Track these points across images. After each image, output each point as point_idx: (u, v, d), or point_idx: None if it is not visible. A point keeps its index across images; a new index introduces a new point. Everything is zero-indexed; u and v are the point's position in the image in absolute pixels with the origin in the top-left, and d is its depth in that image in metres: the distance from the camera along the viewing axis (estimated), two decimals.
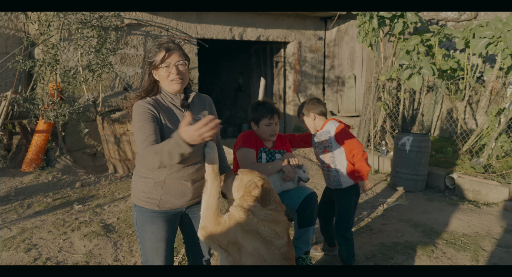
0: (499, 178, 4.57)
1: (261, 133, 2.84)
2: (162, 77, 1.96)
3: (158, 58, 1.92)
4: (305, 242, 2.82)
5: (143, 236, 2.06)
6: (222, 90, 11.50)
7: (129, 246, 3.39)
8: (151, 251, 2.06)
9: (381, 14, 5.40)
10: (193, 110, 2.06)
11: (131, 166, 5.46)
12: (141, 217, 2.05)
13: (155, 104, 1.95)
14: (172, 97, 2.02)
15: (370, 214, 4.23)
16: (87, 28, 5.30)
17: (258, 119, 2.81)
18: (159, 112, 1.93)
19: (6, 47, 5.91)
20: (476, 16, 6.44)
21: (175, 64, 1.94)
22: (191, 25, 6.62)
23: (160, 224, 2.03)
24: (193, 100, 2.09)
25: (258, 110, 2.81)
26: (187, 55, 2.01)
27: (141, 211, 2.05)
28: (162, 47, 1.93)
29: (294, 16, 7.65)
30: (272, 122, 2.80)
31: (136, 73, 6.21)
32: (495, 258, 3.14)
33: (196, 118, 2.04)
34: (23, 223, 3.81)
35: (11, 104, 5.52)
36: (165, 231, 2.06)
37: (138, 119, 1.89)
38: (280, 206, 1.98)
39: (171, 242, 2.12)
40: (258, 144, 2.85)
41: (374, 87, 6.01)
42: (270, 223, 1.87)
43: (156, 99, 1.99)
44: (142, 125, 1.87)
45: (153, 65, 1.95)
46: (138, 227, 2.08)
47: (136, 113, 1.91)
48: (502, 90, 5.68)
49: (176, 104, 2.02)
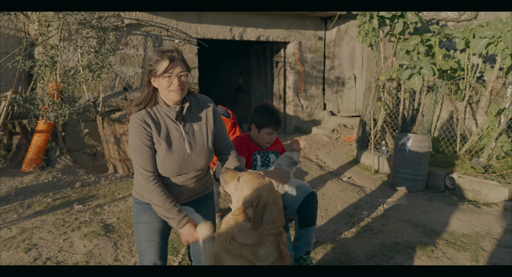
0: (499, 178, 4.57)
1: (259, 139, 2.84)
2: (162, 87, 1.93)
3: (160, 67, 1.89)
4: (306, 242, 2.82)
5: (138, 226, 2.12)
6: (222, 90, 11.50)
7: (129, 246, 3.39)
8: (144, 241, 2.11)
9: (381, 14, 5.40)
10: (189, 120, 2.05)
11: (131, 166, 5.46)
12: (136, 209, 2.12)
13: (149, 121, 1.95)
14: (167, 109, 2.00)
15: (370, 214, 4.23)
16: (86, 28, 5.30)
17: (261, 126, 2.79)
18: (152, 129, 1.95)
19: (6, 47, 5.91)
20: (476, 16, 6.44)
21: (178, 75, 1.91)
22: (191, 25, 6.62)
23: (153, 215, 2.07)
24: (191, 109, 2.07)
25: (264, 117, 2.77)
26: (188, 66, 1.99)
27: (137, 203, 2.12)
28: (166, 56, 1.89)
29: (294, 16, 7.66)
30: (275, 132, 2.80)
31: (136, 73, 6.21)
32: (495, 258, 3.14)
33: (191, 129, 2.04)
34: (23, 223, 3.81)
35: (11, 104, 5.52)
36: (158, 223, 2.09)
37: (135, 139, 1.94)
38: (272, 225, 1.87)
39: (164, 234, 2.16)
40: (252, 149, 2.85)
41: (374, 87, 6.01)
42: (252, 247, 1.83)
43: (152, 112, 1.98)
44: (138, 148, 1.93)
45: (153, 73, 1.92)
46: (134, 218, 2.14)
47: (132, 131, 1.96)
48: (502, 90, 5.68)
49: (171, 116, 2.00)
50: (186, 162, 2.00)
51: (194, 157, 2.02)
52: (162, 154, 1.95)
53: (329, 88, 8.40)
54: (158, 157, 1.96)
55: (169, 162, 1.96)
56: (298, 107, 8.20)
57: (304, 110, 8.26)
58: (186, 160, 2.00)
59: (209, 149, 2.09)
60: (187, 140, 2.00)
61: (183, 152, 1.98)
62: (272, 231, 1.86)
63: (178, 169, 1.99)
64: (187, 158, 2.00)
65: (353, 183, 5.32)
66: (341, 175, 5.65)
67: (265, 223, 1.84)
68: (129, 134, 1.98)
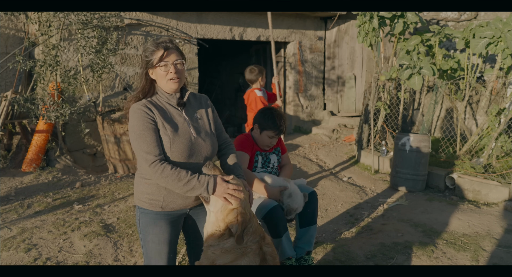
0: (499, 178, 4.57)
1: (259, 140, 2.84)
2: (160, 76, 1.95)
3: (155, 56, 1.92)
4: (307, 242, 2.82)
5: (146, 238, 2.04)
6: (222, 90, 11.49)
7: (129, 246, 3.39)
8: (154, 254, 2.04)
9: (381, 14, 5.40)
10: (189, 109, 2.06)
11: (131, 166, 5.46)
12: (144, 219, 2.03)
13: (151, 106, 1.94)
14: (168, 96, 2.01)
15: (370, 214, 4.23)
16: (88, 28, 5.30)
17: (264, 128, 2.78)
18: (155, 113, 1.93)
19: (6, 47, 5.91)
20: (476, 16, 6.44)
21: (173, 63, 1.93)
22: (191, 25, 6.62)
23: (163, 226, 2.01)
24: (189, 99, 2.09)
25: (269, 120, 2.76)
26: (184, 55, 2.01)
27: (144, 213, 2.03)
28: (160, 46, 1.93)
29: (294, 16, 7.66)
30: (276, 137, 2.79)
31: (136, 73, 6.21)
32: (495, 258, 3.14)
33: (193, 117, 2.04)
34: (23, 223, 3.81)
35: (11, 104, 5.52)
36: (168, 234, 2.04)
37: (138, 125, 1.88)
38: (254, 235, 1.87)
39: (174, 244, 2.10)
40: (254, 148, 2.85)
41: (374, 87, 6.01)
42: (234, 262, 1.80)
43: (152, 100, 1.99)
44: (141, 133, 1.87)
45: (150, 64, 1.94)
46: (141, 229, 2.05)
47: (134, 118, 1.91)
48: (502, 90, 5.68)
49: (172, 103, 2.01)
50: (194, 146, 1.96)
51: (201, 141, 1.99)
52: (170, 138, 1.90)
53: (329, 88, 8.40)
54: (166, 142, 1.90)
55: (177, 145, 1.91)
56: (298, 107, 8.20)
57: (304, 110, 8.26)
58: (194, 144, 1.96)
59: (213, 135, 2.09)
60: (191, 124, 2.01)
61: (189, 135, 1.96)
62: (254, 240, 1.87)
63: (188, 152, 1.93)
64: (195, 142, 1.97)
65: (353, 183, 5.32)
66: (341, 175, 5.65)
67: (246, 236, 1.84)
68: (130, 122, 1.91)
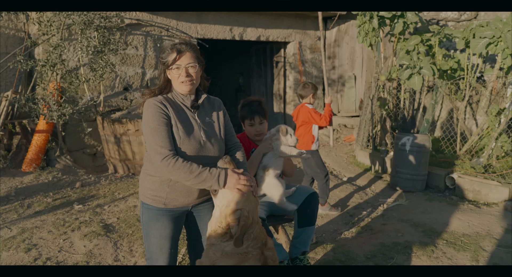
0: (499, 178, 4.57)
1: (249, 134, 2.85)
2: (173, 78, 2.02)
3: (170, 58, 1.98)
4: (303, 242, 2.81)
5: (148, 233, 2.09)
6: (222, 90, 11.50)
7: (129, 246, 3.39)
8: (155, 249, 2.09)
9: (381, 14, 5.40)
10: (202, 112, 2.10)
11: (131, 166, 5.46)
12: (147, 215, 2.09)
13: (166, 102, 1.99)
14: (183, 97, 2.06)
15: (370, 214, 4.23)
16: (90, 28, 5.30)
17: (242, 119, 2.82)
18: (169, 110, 1.97)
19: (6, 47, 5.91)
20: (476, 16, 6.44)
21: (185, 66, 1.98)
22: (191, 25, 6.62)
23: (165, 222, 2.06)
24: (203, 102, 2.13)
25: (242, 110, 2.82)
26: (200, 58, 2.05)
27: (147, 209, 2.08)
28: (175, 48, 1.98)
29: (294, 16, 7.65)
30: (254, 123, 2.77)
31: (136, 73, 6.21)
32: (495, 258, 3.14)
33: (205, 120, 2.08)
34: (23, 223, 3.81)
35: (11, 104, 5.52)
36: (170, 229, 2.08)
37: (153, 119, 1.93)
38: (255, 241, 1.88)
39: (175, 240, 2.14)
40: (251, 146, 2.86)
41: (374, 87, 6.01)
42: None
43: (168, 97, 2.04)
44: (156, 127, 1.91)
45: (165, 65, 2.00)
46: (144, 224, 2.11)
47: (148, 113, 1.95)
48: (502, 90, 5.68)
49: (187, 104, 2.06)
50: (202, 149, 2.00)
51: (209, 146, 2.03)
52: (180, 138, 1.95)
53: (329, 88, 8.39)
54: (175, 141, 1.95)
55: (186, 147, 1.95)
56: None
57: None
58: (202, 148, 2.00)
59: (222, 140, 2.13)
60: (202, 128, 2.04)
61: (199, 138, 2.00)
62: (256, 246, 1.88)
63: (195, 155, 1.98)
64: (204, 146, 2.01)
65: (353, 183, 5.32)
66: (341, 175, 5.65)
67: (247, 241, 1.85)
68: (144, 116, 1.96)
